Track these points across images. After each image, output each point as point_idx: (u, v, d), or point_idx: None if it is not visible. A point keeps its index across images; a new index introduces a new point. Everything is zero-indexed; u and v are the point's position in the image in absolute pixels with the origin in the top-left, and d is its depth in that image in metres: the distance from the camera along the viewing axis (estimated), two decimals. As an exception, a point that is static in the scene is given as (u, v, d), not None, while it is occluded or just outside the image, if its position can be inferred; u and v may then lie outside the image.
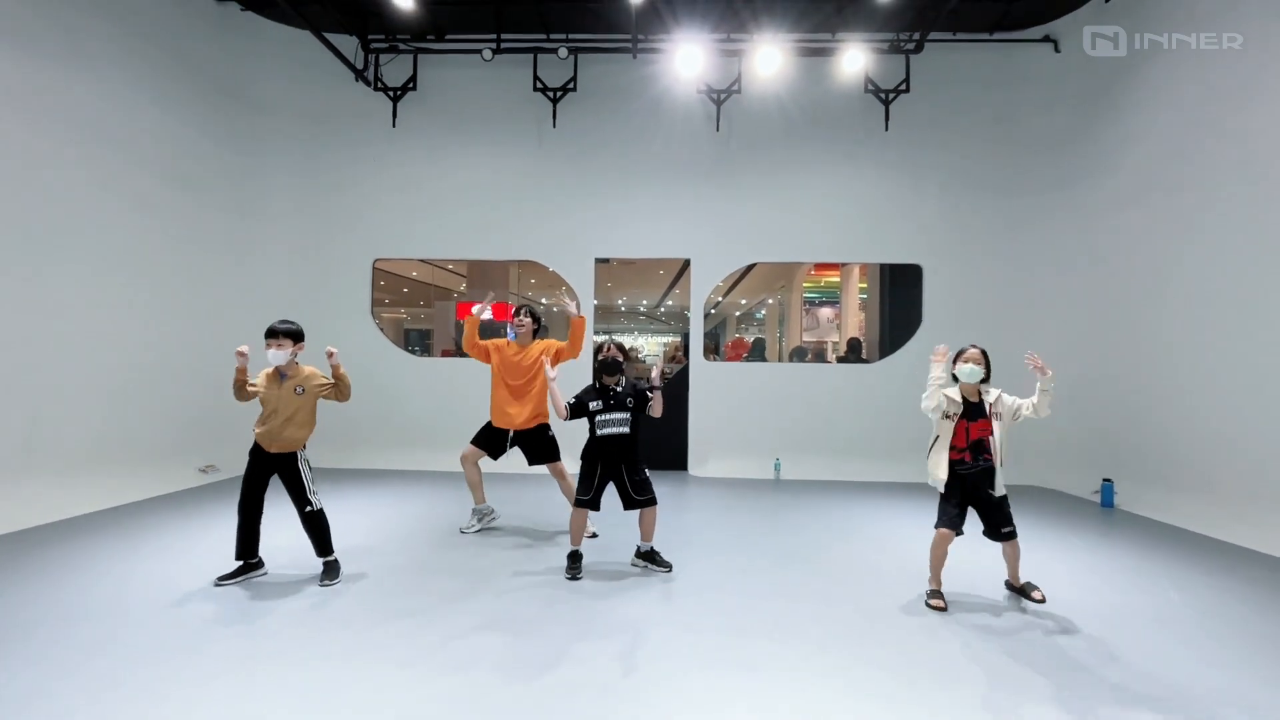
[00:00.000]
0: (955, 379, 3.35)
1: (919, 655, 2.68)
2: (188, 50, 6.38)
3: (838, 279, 11.63)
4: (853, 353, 8.38)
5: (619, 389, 3.70)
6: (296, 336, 3.41)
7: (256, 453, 3.40)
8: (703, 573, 3.72)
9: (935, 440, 3.33)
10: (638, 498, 3.66)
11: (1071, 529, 4.98)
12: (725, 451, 7.26)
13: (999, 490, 3.24)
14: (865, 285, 10.02)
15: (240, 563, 3.42)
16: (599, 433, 3.65)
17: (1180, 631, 3.00)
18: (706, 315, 7.52)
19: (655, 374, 3.67)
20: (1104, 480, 5.91)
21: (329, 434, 6.16)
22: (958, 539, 3.29)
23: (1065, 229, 6.87)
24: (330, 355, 3.44)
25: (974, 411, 3.28)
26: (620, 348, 3.75)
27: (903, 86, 7.17)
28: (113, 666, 2.43)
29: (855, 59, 6.79)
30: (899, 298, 8.03)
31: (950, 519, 3.26)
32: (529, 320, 4.45)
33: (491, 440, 4.48)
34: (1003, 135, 7.21)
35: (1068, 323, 6.76)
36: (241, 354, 3.30)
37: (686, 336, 7.58)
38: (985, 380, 3.30)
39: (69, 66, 5.10)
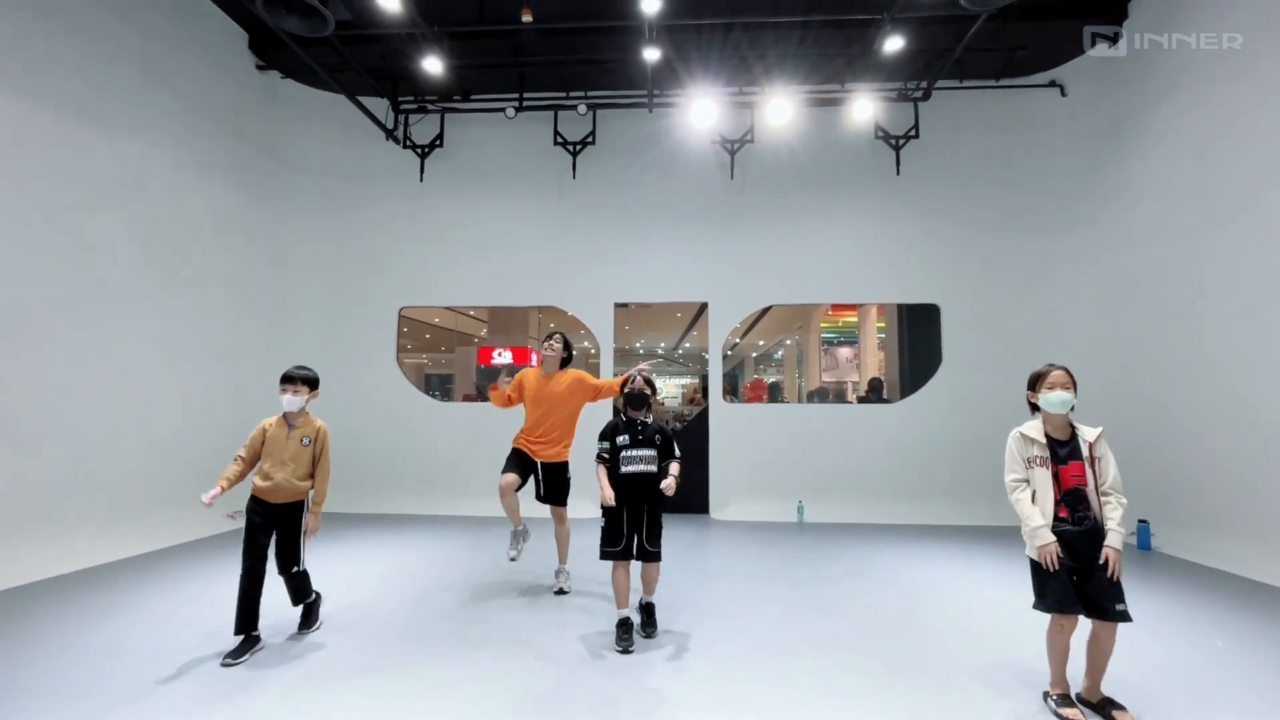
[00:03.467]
0: (1035, 409, 2.63)
1: (954, 716, 2.59)
2: (233, 114, 6.81)
3: (855, 319, 11.65)
4: (874, 393, 8.33)
5: (648, 421, 3.50)
6: (313, 384, 3.28)
7: (257, 505, 3.13)
8: (728, 621, 3.66)
9: (1031, 492, 2.54)
10: (650, 549, 3.36)
11: (1108, 573, 4.82)
12: (746, 494, 7.20)
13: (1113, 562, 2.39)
14: (883, 325, 10.03)
15: (241, 637, 3.03)
16: (623, 470, 3.36)
17: (1228, 685, 2.87)
18: (724, 357, 7.58)
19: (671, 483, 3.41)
20: (1140, 521, 5.74)
21: (347, 478, 6.25)
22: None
23: (1083, 266, 6.87)
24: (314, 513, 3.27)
25: (1063, 453, 2.51)
26: (648, 381, 3.60)
27: (912, 133, 7.36)
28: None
29: (865, 108, 6.99)
30: (918, 337, 8.02)
31: (1061, 598, 2.40)
32: (559, 346, 4.28)
33: (523, 464, 4.21)
34: (1014, 177, 7.32)
35: (1094, 358, 6.66)
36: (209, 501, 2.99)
37: (705, 378, 7.63)
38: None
39: (128, 136, 5.49)
